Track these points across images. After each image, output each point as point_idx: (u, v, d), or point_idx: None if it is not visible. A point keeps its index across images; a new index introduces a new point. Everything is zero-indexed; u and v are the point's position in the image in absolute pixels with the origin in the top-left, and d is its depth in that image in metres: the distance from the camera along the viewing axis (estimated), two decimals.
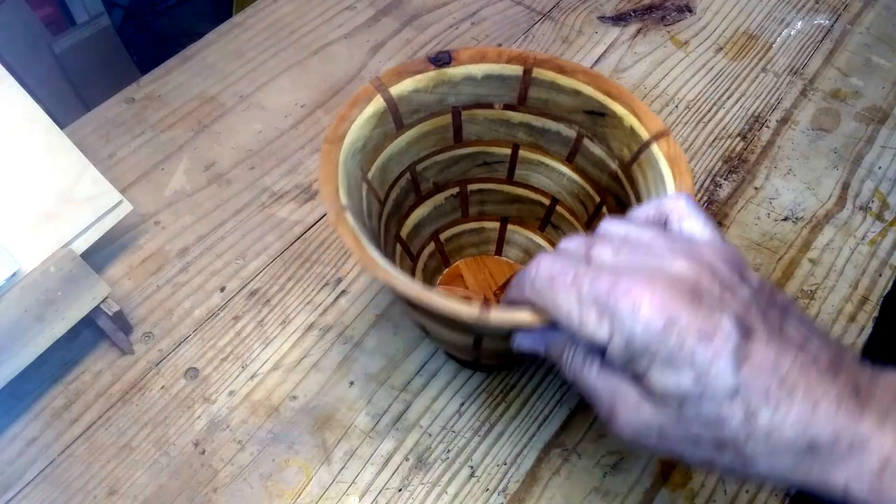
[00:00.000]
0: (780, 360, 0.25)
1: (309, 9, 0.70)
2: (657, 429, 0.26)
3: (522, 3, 0.70)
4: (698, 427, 0.26)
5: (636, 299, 0.26)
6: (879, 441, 0.23)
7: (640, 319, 0.25)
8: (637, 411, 0.27)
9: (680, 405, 0.26)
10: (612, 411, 0.28)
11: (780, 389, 0.24)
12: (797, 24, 0.68)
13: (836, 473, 0.24)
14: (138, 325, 0.49)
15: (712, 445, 0.26)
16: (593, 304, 0.27)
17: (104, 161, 0.57)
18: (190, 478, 0.43)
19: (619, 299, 0.26)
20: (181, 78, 0.64)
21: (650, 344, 0.25)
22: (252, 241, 0.53)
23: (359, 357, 0.47)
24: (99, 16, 1.18)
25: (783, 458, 0.25)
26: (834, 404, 0.24)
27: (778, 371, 0.25)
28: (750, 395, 0.25)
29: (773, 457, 0.25)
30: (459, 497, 0.42)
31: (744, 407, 0.25)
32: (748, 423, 0.25)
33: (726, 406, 0.25)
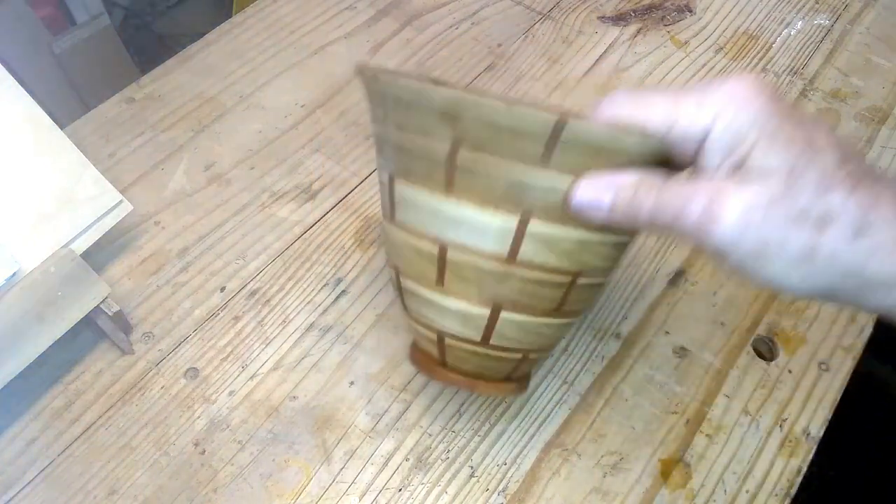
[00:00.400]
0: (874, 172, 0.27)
1: (309, 9, 0.70)
2: (763, 207, 0.26)
3: (522, 3, 0.70)
4: (805, 196, 0.26)
5: (735, 85, 0.27)
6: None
7: (741, 100, 0.27)
8: (740, 192, 0.26)
9: (789, 173, 0.26)
10: (711, 205, 0.26)
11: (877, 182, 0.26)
12: (797, 24, 0.68)
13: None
14: (138, 325, 0.49)
15: (815, 222, 0.26)
16: (689, 95, 0.28)
17: (104, 161, 0.57)
18: (190, 478, 0.43)
19: (718, 88, 0.27)
20: (181, 78, 0.64)
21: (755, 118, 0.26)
22: (252, 241, 0.53)
23: (359, 357, 0.47)
24: (99, 16, 1.18)
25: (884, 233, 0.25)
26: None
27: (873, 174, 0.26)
28: (854, 168, 0.26)
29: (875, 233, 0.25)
30: (459, 497, 0.42)
31: (850, 177, 0.26)
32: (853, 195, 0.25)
33: (832, 172, 0.26)
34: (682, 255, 0.52)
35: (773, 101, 0.27)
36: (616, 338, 0.48)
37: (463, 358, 0.37)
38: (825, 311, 0.49)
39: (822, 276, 0.26)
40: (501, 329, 0.34)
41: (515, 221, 0.31)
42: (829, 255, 0.26)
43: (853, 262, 0.26)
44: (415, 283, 0.35)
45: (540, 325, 0.35)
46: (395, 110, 0.32)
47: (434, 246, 0.33)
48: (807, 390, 0.45)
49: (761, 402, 0.45)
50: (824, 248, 0.26)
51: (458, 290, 0.34)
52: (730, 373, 0.46)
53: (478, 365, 0.37)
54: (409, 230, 0.34)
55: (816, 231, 0.26)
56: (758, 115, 0.27)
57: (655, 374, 0.46)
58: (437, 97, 0.30)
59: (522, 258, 0.32)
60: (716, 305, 0.49)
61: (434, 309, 0.35)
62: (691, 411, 0.45)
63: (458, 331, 0.35)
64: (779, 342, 0.47)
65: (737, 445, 0.43)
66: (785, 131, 0.26)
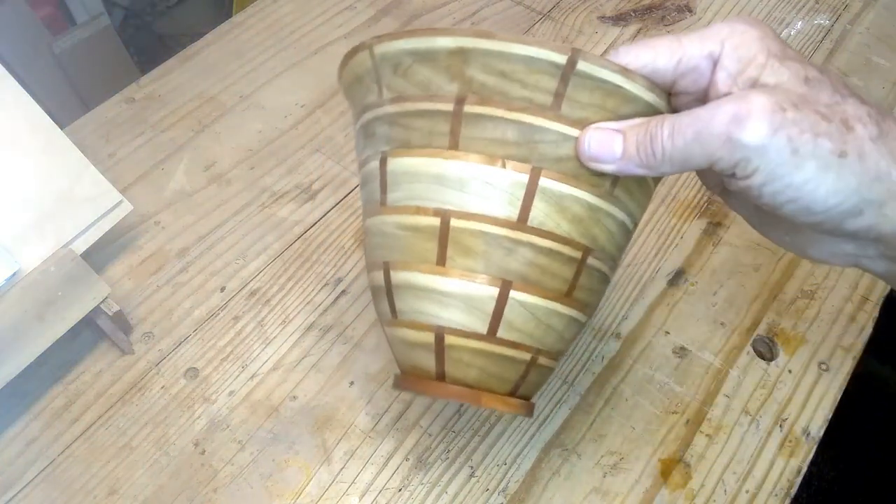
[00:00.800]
0: None
1: (309, 9, 0.70)
2: (792, 105, 0.26)
3: (522, 3, 0.70)
4: (826, 97, 0.27)
5: (732, 21, 0.29)
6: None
7: (743, 28, 0.28)
8: (766, 97, 0.26)
9: (806, 81, 0.27)
10: (741, 110, 0.26)
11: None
12: (797, 24, 0.68)
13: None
14: (138, 325, 0.49)
15: (841, 119, 0.26)
16: (692, 35, 0.29)
17: (104, 161, 0.57)
18: (190, 478, 0.43)
19: (717, 25, 0.29)
20: (181, 78, 0.64)
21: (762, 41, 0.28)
22: (252, 241, 0.53)
23: (359, 357, 0.47)
24: (99, 16, 1.18)
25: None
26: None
27: None
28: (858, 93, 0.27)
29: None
30: (459, 497, 0.42)
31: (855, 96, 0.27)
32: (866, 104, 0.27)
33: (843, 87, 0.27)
34: (682, 255, 0.52)
35: (771, 30, 0.29)
36: (616, 338, 0.48)
37: (466, 362, 0.33)
38: (825, 311, 0.49)
39: (853, 179, 0.26)
40: (510, 316, 0.32)
41: (526, 177, 0.29)
42: (858, 154, 0.26)
43: (881, 163, 0.26)
44: (410, 273, 0.32)
45: (550, 313, 0.32)
46: (391, 77, 0.31)
47: (435, 218, 0.31)
48: (807, 390, 0.45)
49: (761, 402, 0.45)
50: (853, 146, 0.26)
51: (462, 266, 0.31)
52: (730, 373, 0.46)
53: (482, 370, 0.33)
54: (406, 210, 0.32)
55: (845, 128, 0.26)
56: (762, 38, 0.28)
57: (655, 374, 0.46)
58: (446, 41, 0.29)
59: (532, 222, 0.30)
60: (716, 305, 0.49)
61: (433, 300, 0.32)
62: (691, 411, 0.45)
63: (461, 322, 0.32)
64: (779, 342, 0.47)
65: (737, 445, 0.43)
66: (790, 52, 0.28)
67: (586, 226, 0.31)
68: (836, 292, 0.50)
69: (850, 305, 0.49)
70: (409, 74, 0.30)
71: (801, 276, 0.51)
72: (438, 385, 0.33)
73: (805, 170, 0.26)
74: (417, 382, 0.34)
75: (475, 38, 0.28)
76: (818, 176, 0.26)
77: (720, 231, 0.53)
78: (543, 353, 0.34)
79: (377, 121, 0.33)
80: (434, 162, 0.30)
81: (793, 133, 0.26)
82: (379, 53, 0.31)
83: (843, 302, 0.49)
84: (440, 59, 0.29)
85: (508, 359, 0.33)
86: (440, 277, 0.31)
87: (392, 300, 0.34)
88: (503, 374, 0.33)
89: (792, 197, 0.27)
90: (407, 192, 0.32)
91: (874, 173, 0.26)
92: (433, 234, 0.31)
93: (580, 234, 0.31)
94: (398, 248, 0.33)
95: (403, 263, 0.33)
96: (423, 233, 0.31)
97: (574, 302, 0.33)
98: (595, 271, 0.33)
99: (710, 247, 0.52)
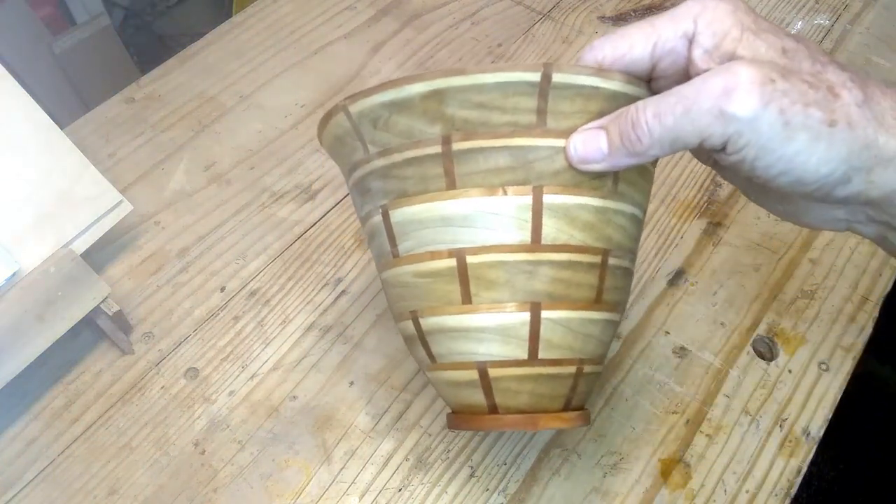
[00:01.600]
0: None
1: (309, 9, 0.70)
2: (780, 75, 0.26)
3: (522, 3, 0.70)
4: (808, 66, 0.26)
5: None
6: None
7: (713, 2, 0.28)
8: (753, 68, 0.26)
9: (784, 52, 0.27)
10: (730, 83, 0.26)
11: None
12: (797, 24, 0.68)
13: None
14: (138, 325, 0.49)
15: (828, 86, 0.26)
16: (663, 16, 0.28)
17: (104, 161, 0.57)
18: (190, 478, 0.43)
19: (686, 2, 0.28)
20: (181, 78, 0.64)
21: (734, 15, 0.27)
22: (252, 241, 0.53)
23: (359, 357, 0.47)
24: (99, 16, 1.18)
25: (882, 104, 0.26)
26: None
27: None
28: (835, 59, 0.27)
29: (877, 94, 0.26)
30: (459, 497, 0.42)
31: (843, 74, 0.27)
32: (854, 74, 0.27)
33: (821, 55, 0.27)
34: (682, 255, 0.52)
35: (742, 2, 0.28)
36: (616, 338, 0.48)
37: (514, 389, 0.33)
38: (825, 311, 0.49)
39: (843, 147, 0.26)
40: (546, 335, 0.31)
41: (529, 198, 0.30)
42: (847, 121, 0.26)
43: (867, 129, 0.26)
44: (439, 318, 0.32)
45: (584, 322, 0.32)
46: (373, 132, 0.31)
47: (451, 259, 0.31)
48: (807, 390, 0.45)
49: (761, 402, 0.45)
50: (841, 113, 0.26)
51: (488, 299, 0.31)
52: (730, 373, 0.46)
53: (531, 393, 0.33)
54: (420, 258, 0.32)
55: (831, 95, 0.26)
56: (734, 11, 0.28)
57: (655, 374, 0.46)
58: (418, 87, 0.29)
59: (546, 240, 0.30)
60: (716, 305, 0.49)
61: (468, 338, 0.32)
62: (691, 411, 0.45)
63: (500, 353, 0.32)
64: (779, 342, 0.47)
65: (737, 445, 0.43)
66: (763, 24, 0.28)
67: (599, 229, 0.31)
68: (836, 292, 0.50)
69: (850, 305, 0.49)
70: (390, 126, 0.30)
71: (801, 276, 0.51)
72: (493, 419, 0.33)
73: (796, 141, 0.26)
74: (472, 420, 0.34)
75: (445, 78, 0.28)
76: (809, 147, 0.26)
77: (720, 231, 0.53)
78: (587, 361, 0.34)
79: (369, 176, 0.33)
80: (436, 205, 0.30)
81: (784, 104, 0.25)
82: (355, 112, 0.31)
83: (843, 302, 0.49)
84: (416, 106, 0.29)
85: (555, 376, 0.33)
86: (470, 315, 0.31)
87: (427, 347, 0.34)
88: (553, 392, 0.33)
89: (783, 169, 0.27)
90: (416, 239, 0.32)
91: (863, 141, 0.26)
92: (452, 275, 0.31)
93: (595, 239, 0.31)
94: (421, 296, 0.33)
95: (430, 309, 0.32)
96: (442, 276, 0.31)
97: (605, 305, 0.33)
98: (617, 269, 0.33)
99: (710, 247, 0.52)
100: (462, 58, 0.65)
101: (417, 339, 0.34)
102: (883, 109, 0.26)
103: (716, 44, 0.28)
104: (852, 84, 0.26)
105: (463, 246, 0.30)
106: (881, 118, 0.26)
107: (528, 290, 0.31)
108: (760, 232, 0.53)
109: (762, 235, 0.53)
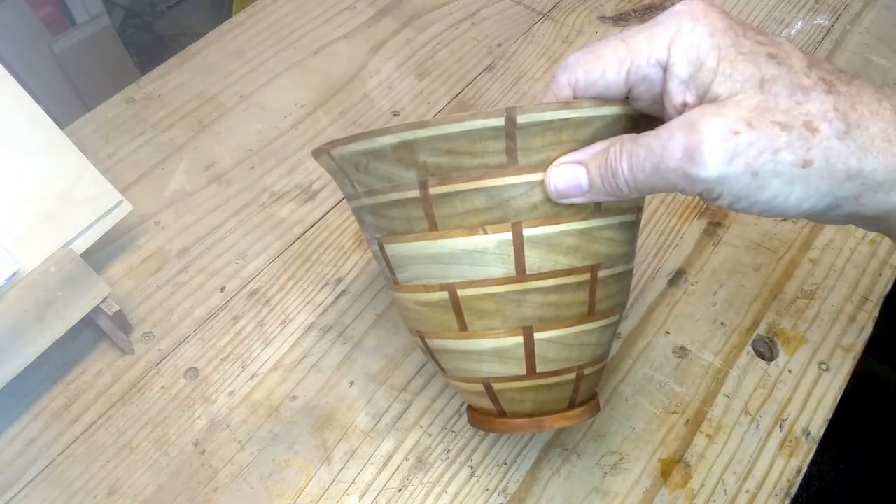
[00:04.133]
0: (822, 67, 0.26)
1: (309, 9, 0.70)
2: (745, 125, 0.24)
3: (522, 3, 0.70)
4: (785, 101, 0.25)
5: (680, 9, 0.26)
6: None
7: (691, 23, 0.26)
8: (716, 123, 0.25)
9: (762, 84, 0.25)
10: (690, 150, 0.25)
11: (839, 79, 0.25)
12: (797, 24, 0.68)
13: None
14: (138, 325, 0.49)
15: (803, 124, 0.24)
16: (638, 33, 0.26)
17: (104, 161, 0.57)
18: (190, 478, 0.43)
19: (664, 18, 0.26)
20: (181, 78, 0.64)
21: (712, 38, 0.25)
22: (252, 241, 0.53)
23: (359, 357, 0.47)
24: (99, 16, 1.18)
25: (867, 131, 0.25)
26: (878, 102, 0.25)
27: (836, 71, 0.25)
28: (824, 70, 0.25)
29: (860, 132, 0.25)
30: (459, 497, 0.42)
31: (823, 81, 0.25)
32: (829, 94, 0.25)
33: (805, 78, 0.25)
34: (682, 255, 0.52)
35: (725, 16, 0.26)
36: (616, 338, 0.48)
37: (518, 399, 0.35)
38: (825, 311, 0.49)
39: (822, 183, 0.25)
40: (541, 353, 0.33)
41: (510, 234, 0.30)
42: (825, 158, 0.25)
43: (850, 160, 0.25)
44: (441, 340, 0.34)
45: (579, 335, 0.33)
46: (357, 173, 0.32)
47: (443, 292, 0.32)
48: (807, 390, 0.45)
49: (761, 402, 0.45)
50: (818, 150, 0.24)
51: (482, 327, 0.32)
52: (730, 373, 0.46)
53: (535, 400, 0.34)
54: (415, 288, 0.33)
55: (808, 132, 0.24)
56: (712, 33, 0.26)
57: (655, 374, 0.46)
58: (388, 139, 0.30)
59: (531, 270, 0.31)
60: (716, 305, 0.49)
61: (469, 359, 0.34)
62: (691, 411, 0.45)
63: (500, 371, 0.34)
64: (779, 342, 0.47)
65: (737, 445, 0.43)
66: (744, 45, 0.25)
67: (585, 249, 0.32)
68: (836, 292, 0.50)
69: (850, 305, 0.49)
70: (370, 170, 0.31)
71: (801, 276, 0.51)
72: (502, 422, 0.36)
73: (770, 187, 0.25)
74: (485, 422, 0.37)
75: (412, 130, 0.29)
76: (785, 189, 0.25)
77: (720, 231, 0.53)
78: (587, 365, 0.35)
79: (361, 210, 0.34)
80: (423, 244, 0.32)
81: (750, 156, 0.24)
82: (337, 156, 0.32)
83: (843, 302, 0.49)
84: (390, 154, 0.30)
85: (555, 385, 0.34)
86: (467, 341, 0.33)
87: (437, 361, 0.36)
88: (556, 397, 0.35)
89: (764, 209, 0.26)
90: (411, 272, 0.33)
91: (844, 173, 0.25)
92: (447, 306, 0.33)
93: (581, 259, 0.32)
94: (423, 321, 0.34)
95: (433, 333, 0.35)
96: (437, 307, 0.33)
97: (599, 314, 0.34)
98: (610, 278, 0.33)
99: (710, 247, 0.52)
100: (462, 58, 0.65)
101: (428, 353, 0.36)
102: (871, 135, 0.25)
103: (691, 74, 0.26)
104: (835, 114, 0.25)
105: (453, 281, 0.32)
106: (868, 145, 0.25)
107: (518, 318, 0.32)
108: (760, 232, 0.53)
109: (762, 235, 0.53)
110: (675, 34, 0.26)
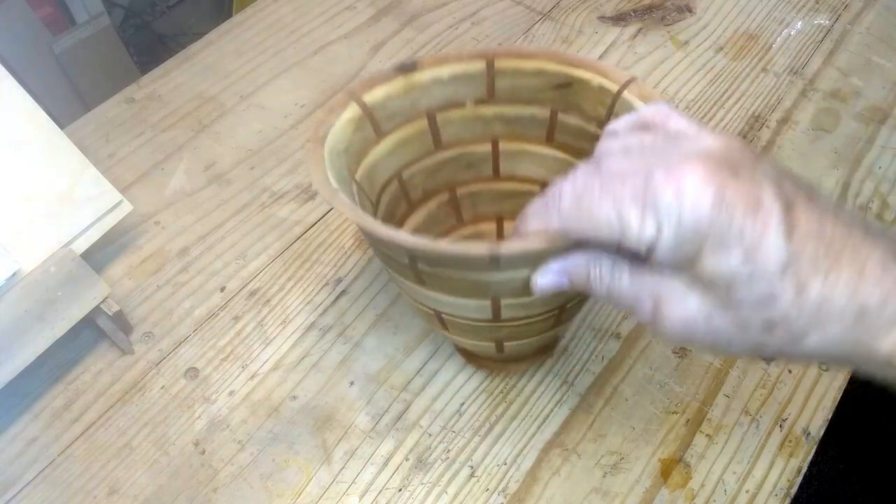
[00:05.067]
0: (823, 227, 0.24)
1: (309, 9, 0.70)
2: (705, 318, 0.26)
3: (522, 3, 0.70)
4: (748, 309, 0.25)
5: (677, 182, 0.24)
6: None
7: (686, 201, 0.24)
8: (683, 303, 0.26)
9: (728, 288, 0.25)
10: (657, 310, 0.27)
11: (827, 256, 0.24)
12: (797, 24, 0.68)
13: (883, 340, 0.24)
14: (138, 325, 0.49)
15: (761, 328, 0.25)
16: (632, 203, 0.25)
17: (104, 161, 0.57)
18: (190, 478, 0.43)
19: (659, 188, 0.24)
20: (181, 78, 0.64)
21: (700, 224, 0.24)
22: (252, 241, 0.53)
23: (359, 357, 0.47)
24: (99, 16, 1.18)
25: (833, 328, 0.24)
26: (879, 267, 0.24)
27: (823, 237, 0.24)
28: (800, 266, 0.24)
29: (823, 329, 0.25)
30: (459, 497, 0.42)
31: (794, 280, 0.24)
32: (799, 297, 0.24)
33: (777, 282, 0.24)
34: None
35: (722, 190, 0.24)
36: (616, 338, 0.48)
37: (494, 357, 0.45)
38: None
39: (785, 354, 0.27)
40: (510, 349, 0.41)
41: (489, 302, 0.35)
42: (778, 352, 0.26)
43: (804, 354, 0.26)
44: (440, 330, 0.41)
45: (542, 339, 0.41)
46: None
47: (432, 311, 0.38)
48: (807, 390, 0.45)
49: (761, 402, 0.45)
50: (772, 347, 0.26)
51: (461, 335, 0.40)
52: (730, 373, 0.46)
53: (503, 358, 0.45)
54: (414, 303, 0.39)
55: (765, 332, 0.26)
56: (703, 217, 0.24)
57: (655, 374, 0.46)
58: (382, 236, 0.31)
59: (505, 316, 0.36)
60: None
61: (457, 340, 0.42)
62: (691, 411, 0.45)
63: (479, 349, 0.44)
64: None
65: (737, 445, 0.43)
66: (733, 227, 0.24)
67: (556, 299, 0.36)
68: None
69: None
70: (375, 246, 0.37)
71: None
72: (476, 360, 0.47)
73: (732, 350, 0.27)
74: (468, 356, 0.47)
75: (407, 244, 0.31)
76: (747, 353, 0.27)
77: None
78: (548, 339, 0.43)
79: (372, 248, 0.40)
80: (415, 286, 0.36)
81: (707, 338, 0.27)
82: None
83: None
84: (387, 244, 0.33)
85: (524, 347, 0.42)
86: (453, 336, 0.41)
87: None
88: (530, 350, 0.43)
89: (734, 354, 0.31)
90: (409, 292, 0.38)
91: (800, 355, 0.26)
92: (437, 318, 0.38)
93: (553, 304, 0.36)
94: (425, 317, 0.40)
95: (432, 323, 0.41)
96: (431, 316, 0.39)
97: (561, 324, 0.40)
98: (576, 304, 0.38)
99: None
100: None
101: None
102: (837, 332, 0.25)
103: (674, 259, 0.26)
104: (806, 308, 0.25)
105: (440, 309, 0.37)
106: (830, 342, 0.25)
107: (492, 337, 0.39)
108: None
109: None
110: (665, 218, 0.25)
